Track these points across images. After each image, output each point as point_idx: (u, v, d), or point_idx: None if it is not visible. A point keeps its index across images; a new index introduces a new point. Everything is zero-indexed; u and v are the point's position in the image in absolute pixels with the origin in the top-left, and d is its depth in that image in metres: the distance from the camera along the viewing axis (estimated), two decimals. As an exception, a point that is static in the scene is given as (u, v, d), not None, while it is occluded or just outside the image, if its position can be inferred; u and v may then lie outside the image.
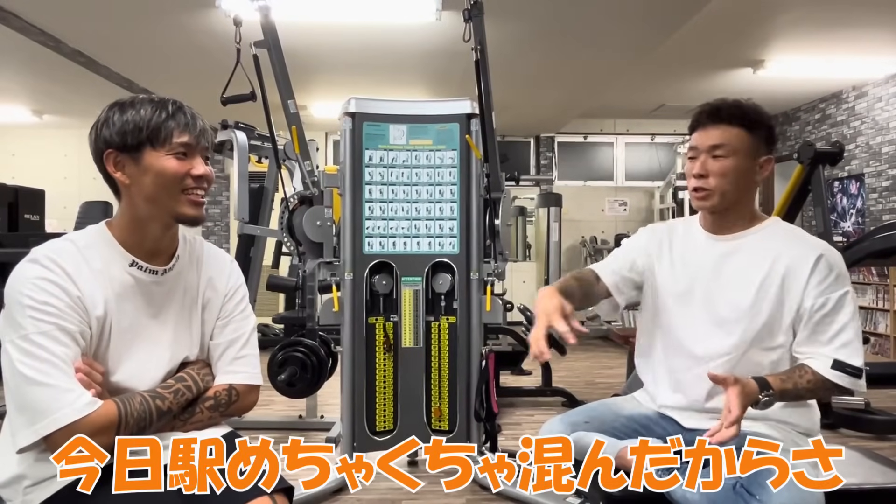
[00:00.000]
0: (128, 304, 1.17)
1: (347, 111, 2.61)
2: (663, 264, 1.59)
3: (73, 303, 1.09)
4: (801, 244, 1.45)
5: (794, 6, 4.13)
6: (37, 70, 5.27)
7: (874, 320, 5.85)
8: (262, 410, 3.82)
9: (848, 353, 1.38)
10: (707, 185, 1.44)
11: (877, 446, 3.13)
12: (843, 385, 1.38)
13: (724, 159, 1.42)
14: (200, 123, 1.21)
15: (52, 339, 1.05)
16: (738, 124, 1.43)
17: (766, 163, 1.45)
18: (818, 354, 1.40)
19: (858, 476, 1.53)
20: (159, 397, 1.15)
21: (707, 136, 1.45)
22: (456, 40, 2.71)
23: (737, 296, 1.46)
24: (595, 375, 4.93)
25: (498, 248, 2.65)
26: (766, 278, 1.43)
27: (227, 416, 1.28)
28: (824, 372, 1.38)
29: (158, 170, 1.14)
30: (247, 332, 1.31)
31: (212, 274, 1.30)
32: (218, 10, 3.83)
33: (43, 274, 1.08)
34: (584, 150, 8.14)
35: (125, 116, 1.14)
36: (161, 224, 1.19)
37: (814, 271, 1.40)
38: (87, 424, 1.03)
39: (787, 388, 1.36)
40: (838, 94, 6.39)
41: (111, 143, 1.14)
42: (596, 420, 1.65)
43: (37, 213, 3.97)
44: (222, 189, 7.85)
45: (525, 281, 7.37)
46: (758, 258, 1.46)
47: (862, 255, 3.46)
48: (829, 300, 1.40)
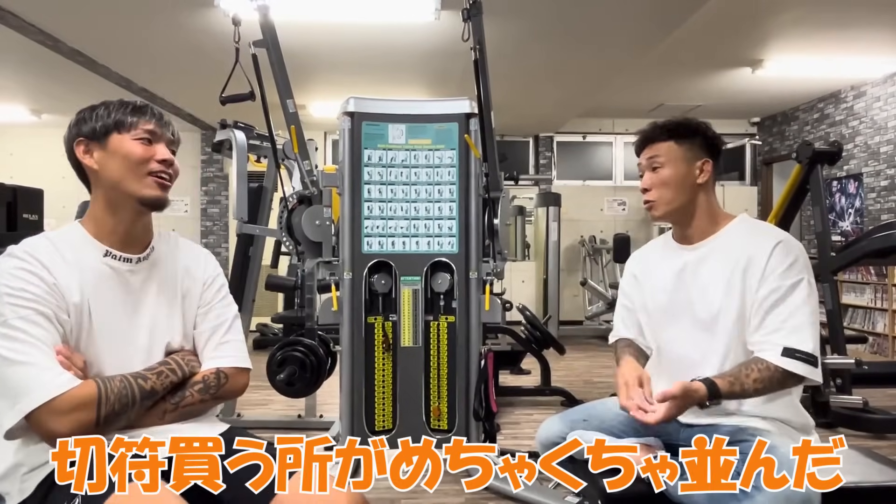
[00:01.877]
0: (105, 293, 1.20)
1: (346, 111, 2.61)
2: (650, 282, 1.66)
3: (49, 288, 1.12)
4: (761, 236, 1.50)
5: (793, 6, 4.14)
6: (35, 69, 5.26)
7: (872, 319, 5.85)
8: (260, 409, 3.82)
9: (798, 339, 1.39)
10: (651, 197, 1.58)
11: (875, 445, 3.14)
12: (797, 372, 1.38)
13: (661, 169, 1.56)
14: (166, 117, 1.27)
15: (31, 322, 1.08)
16: (666, 138, 1.56)
17: (705, 164, 1.55)
18: (767, 343, 1.41)
19: (856, 474, 1.53)
20: (141, 377, 1.17)
21: (644, 155, 1.61)
22: (455, 40, 2.71)
23: (710, 299, 1.51)
24: (594, 375, 4.93)
25: (497, 247, 2.65)
26: (731, 275, 1.48)
27: (218, 400, 1.30)
28: (774, 360, 1.39)
29: (124, 153, 1.21)
30: (229, 318, 1.34)
31: (188, 263, 1.33)
32: (217, 10, 3.83)
33: (18, 265, 1.12)
34: (583, 150, 8.14)
35: (94, 113, 1.23)
36: (130, 210, 1.22)
37: (769, 259, 1.44)
38: (67, 400, 1.06)
39: (735, 390, 1.40)
40: (837, 93, 6.40)
41: (81, 133, 1.23)
42: (594, 419, 1.66)
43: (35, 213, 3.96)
44: (221, 188, 7.85)
45: (524, 280, 7.37)
46: (724, 259, 1.51)
47: (860, 254, 3.46)
48: (781, 286, 1.42)
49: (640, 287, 1.70)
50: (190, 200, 7.82)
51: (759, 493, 1.26)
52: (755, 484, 1.27)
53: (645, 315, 1.68)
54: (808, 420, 1.51)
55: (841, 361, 3.29)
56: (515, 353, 4.24)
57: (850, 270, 5.87)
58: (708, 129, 1.58)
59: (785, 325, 1.40)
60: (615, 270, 7.04)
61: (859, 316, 6.00)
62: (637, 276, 1.72)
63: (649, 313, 1.66)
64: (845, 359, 3.30)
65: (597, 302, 6.74)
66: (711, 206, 1.58)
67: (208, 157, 7.74)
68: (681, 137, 1.55)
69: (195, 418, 1.26)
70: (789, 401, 1.48)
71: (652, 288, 1.65)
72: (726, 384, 1.40)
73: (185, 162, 7.68)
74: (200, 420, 1.28)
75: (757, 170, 7.95)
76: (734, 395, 1.42)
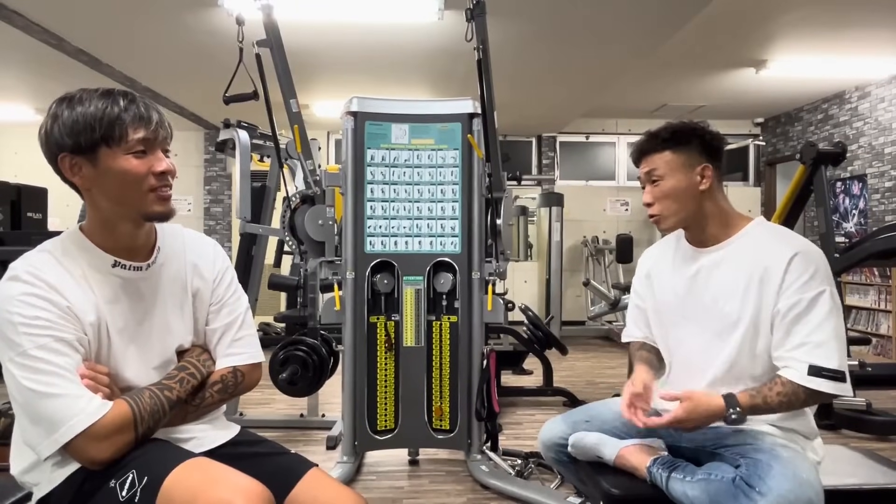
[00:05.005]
0: (119, 304, 1.17)
1: (349, 110, 2.61)
2: (662, 283, 1.63)
3: (63, 313, 1.07)
4: (779, 244, 1.44)
5: (797, 6, 4.12)
6: (40, 68, 5.27)
7: (876, 321, 5.83)
8: (263, 409, 3.82)
9: (823, 356, 1.34)
10: (655, 211, 1.54)
11: (878, 447, 3.13)
12: (825, 391, 1.34)
13: (661, 181, 1.52)
14: (156, 115, 1.13)
15: (51, 350, 1.04)
16: (661, 149, 1.52)
17: (705, 170, 1.50)
18: (792, 360, 1.37)
19: (860, 476, 1.53)
20: (167, 388, 1.16)
21: (642, 168, 1.56)
22: (458, 40, 2.71)
23: (724, 306, 1.47)
24: (596, 375, 4.93)
25: (499, 247, 2.65)
26: (747, 284, 1.44)
27: (235, 396, 1.30)
28: (801, 381, 1.35)
29: (118, 171, 1.09)
30: (241, 313, 1.32)
31: (196, 261, 1.29)
32: (221, 10, 3.83)
33: (27, 290, 1.06)
34: (586, 150, 8.13)
35: (74, 114, 1.08)
36: (131, 223, 1.16)
37: (788, 270, 1.39)
38: (104, 426, 1.04)
39: (756, 403, 1.37)
40: (841, 94, 6.38)
41: (63, 145, 1.08)
42: (597, 420, 1.66)
43: (39, 212, 3.97)
44: (224, 188, 7.86)
45: (527, 280, 7.37)
46: (740, 266, 1.47)
47: (864, 255, 3.45)
48: (801, 300, 1.37)
49: (651, 287, 1.67)
50: (193, 199, 7.83)
51: (761, 497, 1.25)
52: (758, 489, 1.26)
53: (655, 315, 1.65)
54: (811, 422, 1.49)
55: (844, 363, 3.28)
56: (518, 354, 4.24)
57: (854, 272, 5.85)
58: (705, 131, 1.52)
59: (809, 341, 1.35)
60: (618, 271, 7.03)
61: (863, 317, 5.98)
62: (650, 276, 1.68)
63: (660, 314, 1.64)
64: (849, 360, 3.29)
65: (599, 302, 6.73)
66: (722, 210, 1.52)
67: (211, 156, 7.75)
68: (677, 145, 1.50)
69: (210, 415, 1.28)
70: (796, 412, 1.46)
71: (663, 289, 1.62)
72: (747, 397, 1.37)
73: (189, 161, 7.69)
74: (215, 422, 1.30)
75: (760, 170, 7.93)
76: (756, 410, 1.38)
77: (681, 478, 1.39)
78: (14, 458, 1.14)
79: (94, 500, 1.05)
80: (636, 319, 1.73)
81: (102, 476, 1.05)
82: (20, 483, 1.15)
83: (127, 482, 1.03)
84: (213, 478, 1.02)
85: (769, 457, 1.33)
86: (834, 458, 1.57)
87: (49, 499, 1.09)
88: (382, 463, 2.86)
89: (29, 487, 1.13)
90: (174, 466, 1.03)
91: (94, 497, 1.05)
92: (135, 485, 1.02)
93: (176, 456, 1.07)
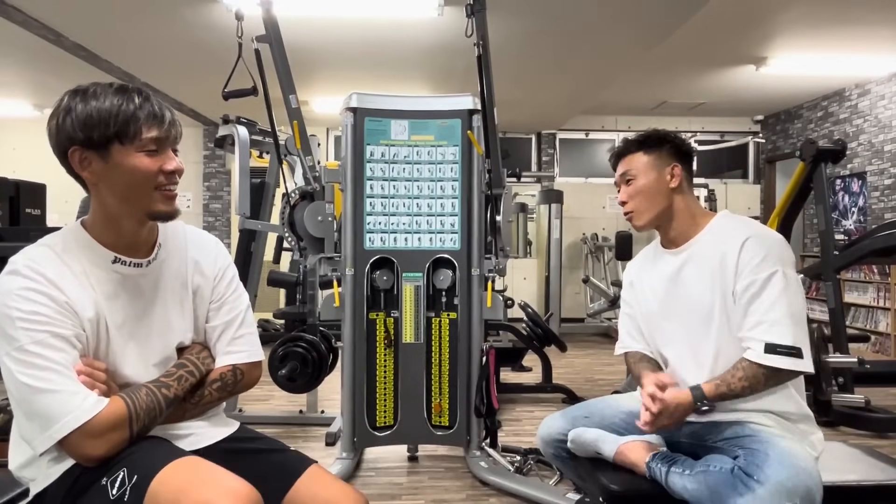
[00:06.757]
0: (118, 301, 1.16)
1: (349, 106, 2.61)
2: (644, 289, 1.71)
3: (61, 308, 1.07)
4: (734, 230, 1.52)
5: (797, 3, 4.12)
6: (38, 64, 5.26)
7: (875, 318, 5.84)
8: (262, 405, 3.82)
9: (778, 333, 1.40)
10: (629, 208, 1.65)
11: (877, 444, 3.14)
12: (783, 367, 1.40)
13: (635, 181, 1.63)
14: (169, 114, 1.13)
15: (48, 346, 1.04)
16: (635, 150, 1.65)
17: (674, 169, 1.61)
18: (751, 340, 1.43)
19: (858, 473, 1.53)
20: (164, 385, 1.16)
21: (618, 171, 1.68)
22: (458, 36, 2.70)
23: (697, 301, 1.54)
24: (595, 372, 4.93)
25: (499, 244, 2.65)
26: (712, 274, 1.52)
27: (234, 394, 1.29)
28: (758, 359, 1.41)
29: (129, 168, 1.09)
30: (242, 310, 1.31)
31: (197, 258, 1.28)
32: (220, 5, 3.82)
33: (25, 284, 1.06)
34: (586, 147, 8.12)
35: (88, 108, 1.07)
36: (135, 220, 1.15)
37: (741, 253, 1.46)
38: (99, 423, 1.04)
39: (721, 391, 1.44)
40: (841, 91, 6.37)
41: (75, 138, 1.07)
42: (596, 416, 1.67)
43: (38, 208, 3.97)
44: (223, 184, 7.85)
45: (526, 277, 7.37)
46: (705, 258, 1.54)
47: (863, 253, 3.46)
48: (755, 280, 1.44)
49: (635, 294, 1.74)
50: (192, 196, 7.83)
51: (759, 485, 1.27)
52: (757, 477, 1.28)
53: (644, 322, 1.71)
54: (807, 411, 1.51)
55: (843, 360, 3.28)
56: (517, 350, 4.24)
57: (853, 269, 5.86)
58: (676, 137, 1.65)
59: (764, 320, 1.42)
60: (617, 268, 7.03)
61: (862, 315, 5.99)
62: (633, 284, 1.76)
63: (646, 319, 1.69)
64: (847, 357, 3.30)
65: (598, 299, 6.73)
66: (690, 207, 1.62)
67: (210, 152, 7.74)
68: (649, 147, 1.62)
69: (209, 412, 1.27)
70: (787, 393, 1.49)
71: (645, 295, 1.69)
72: (712, 387, 1.44)
73: (188, 157, 7.67)
74: (214, 418, 1.29)
75: (760, 168, 7.93)
76: (723, 397, 1.45)
77: (680, 472, 1.40)
78: (12, 454, 1.14)
79: (87, 496, 1.05)
80: (629, 329, 1.77)
81: (95, 473, 1.05)
82: (17, 478, 1.15)
83: (118, 480, 1.03)
84: (201, 478, 1.02)
85: (767, 446, 1.35)
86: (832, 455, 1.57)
87: (45, 494, 1.09)
88: (382, 459, 2.87)
89: (26, 483, 1.13)
90: (163, 465, 1.02)
91: (86, 494, 1.05)
92: (125, 483, 1.02)
93: (166, 455, 1.06)
